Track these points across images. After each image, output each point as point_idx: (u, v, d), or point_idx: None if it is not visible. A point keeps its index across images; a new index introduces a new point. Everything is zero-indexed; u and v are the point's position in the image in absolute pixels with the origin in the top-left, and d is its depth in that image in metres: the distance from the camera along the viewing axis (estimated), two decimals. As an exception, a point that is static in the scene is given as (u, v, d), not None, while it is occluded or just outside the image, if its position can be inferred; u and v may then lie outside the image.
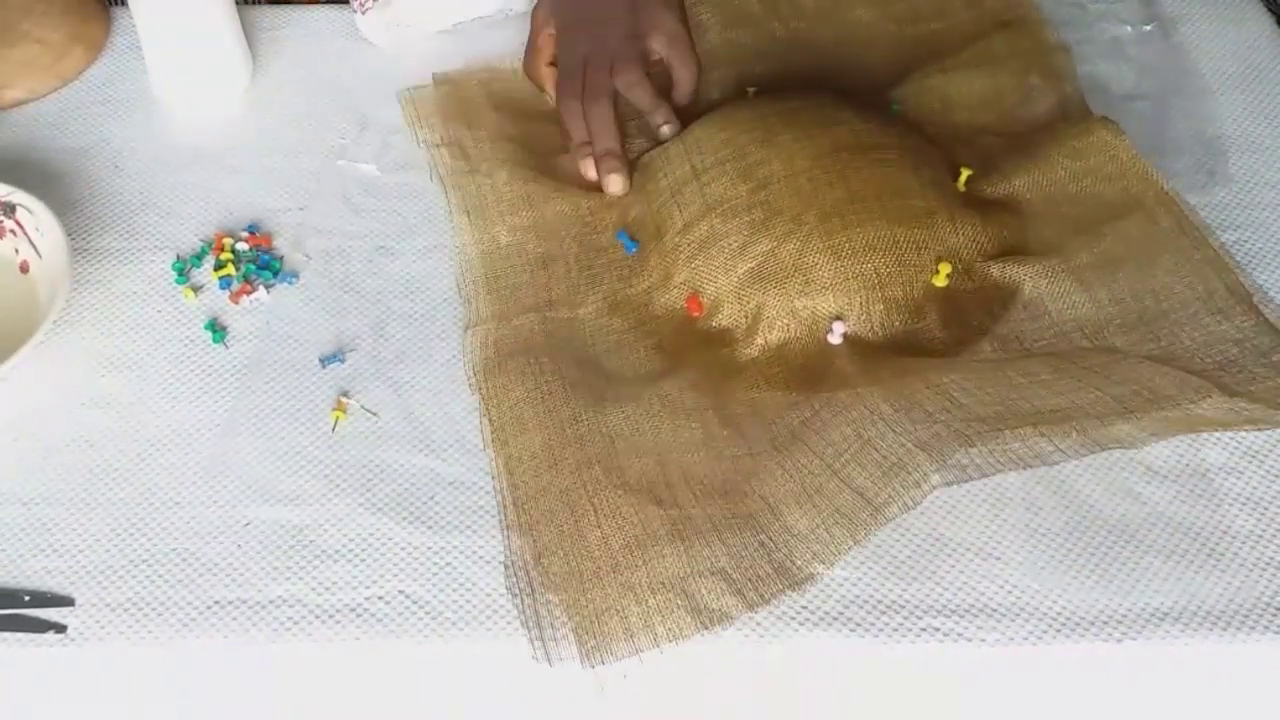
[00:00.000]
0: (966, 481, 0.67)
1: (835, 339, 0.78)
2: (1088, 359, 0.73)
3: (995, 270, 0.80)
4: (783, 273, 0.78)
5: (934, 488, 0.66)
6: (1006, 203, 0.84)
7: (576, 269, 0.84)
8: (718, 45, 0.98)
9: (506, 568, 0.69)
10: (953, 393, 0.70)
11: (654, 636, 0.65)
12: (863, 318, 0.78)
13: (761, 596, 0.66)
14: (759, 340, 0.78)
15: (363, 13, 1.00)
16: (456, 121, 0.93)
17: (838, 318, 0.78)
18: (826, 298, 0.78)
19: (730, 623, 0.66)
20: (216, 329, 0.81)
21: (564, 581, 0.68)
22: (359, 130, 0.94)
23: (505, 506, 0.72)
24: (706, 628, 0.65)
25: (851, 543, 0.67)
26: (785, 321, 0.78)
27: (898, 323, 0.78)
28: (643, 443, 0.73)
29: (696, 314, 0.80)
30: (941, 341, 0.78)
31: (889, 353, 0.77)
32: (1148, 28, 0.99)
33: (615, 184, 0.87)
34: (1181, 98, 0.94)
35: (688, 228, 0.81)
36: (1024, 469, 0.69)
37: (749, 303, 0.79)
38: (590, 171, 0.88)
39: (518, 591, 0.68)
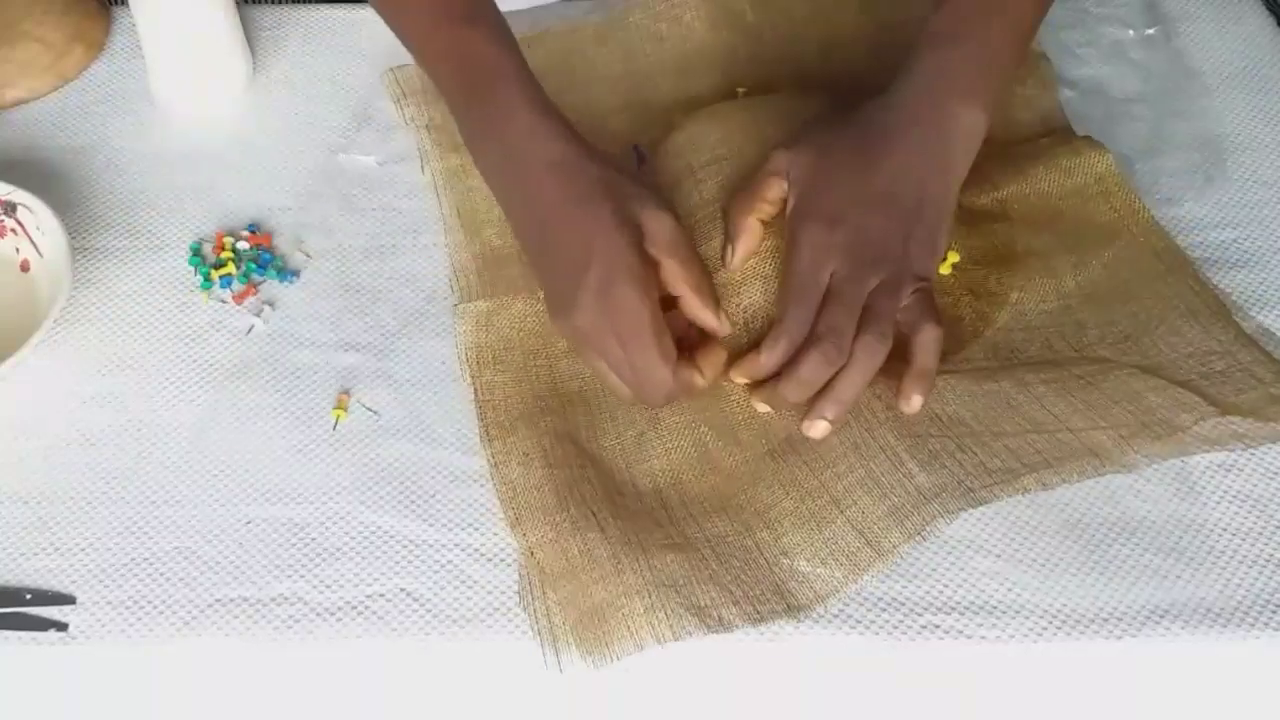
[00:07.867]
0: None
1: None
2: (1078, 366, 0.74)
3: (982, 275, 0.80)
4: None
5: (938, 530, 0.68)
6: (994, 210, 0.84)
7: None
8: (707, 43, 0.97)
9: (521, 575, 0.69)
10: (956, 432, 0.71)
11: (657, 633, 0.65)
12: None
13: (759, 614, 0.66)
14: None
15: None
16: (442, 101, 0.92)
17: None
18: None
19: (731, 630, 0.66)
20: (208, 279, 0.83)
21: (559, 578, 0.68)
22: (359, 128, 0.94)
23: (505, 504, 0.72)
24: (709, 630, 0.65)
25: (853, 583, 0.67)
26: (768, 310, 0.77)
27: None
28: (637, 470, 0.73)
29: None
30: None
31: None
32: (1150, 31, 0.99)
33: (818, 429, 0.71)
34: (1181, 100, 0.94)
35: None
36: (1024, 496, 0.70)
37: (733, 302, 0.77)
38: (778, 401, 0.72)
39: (527, 594, 0.68)
